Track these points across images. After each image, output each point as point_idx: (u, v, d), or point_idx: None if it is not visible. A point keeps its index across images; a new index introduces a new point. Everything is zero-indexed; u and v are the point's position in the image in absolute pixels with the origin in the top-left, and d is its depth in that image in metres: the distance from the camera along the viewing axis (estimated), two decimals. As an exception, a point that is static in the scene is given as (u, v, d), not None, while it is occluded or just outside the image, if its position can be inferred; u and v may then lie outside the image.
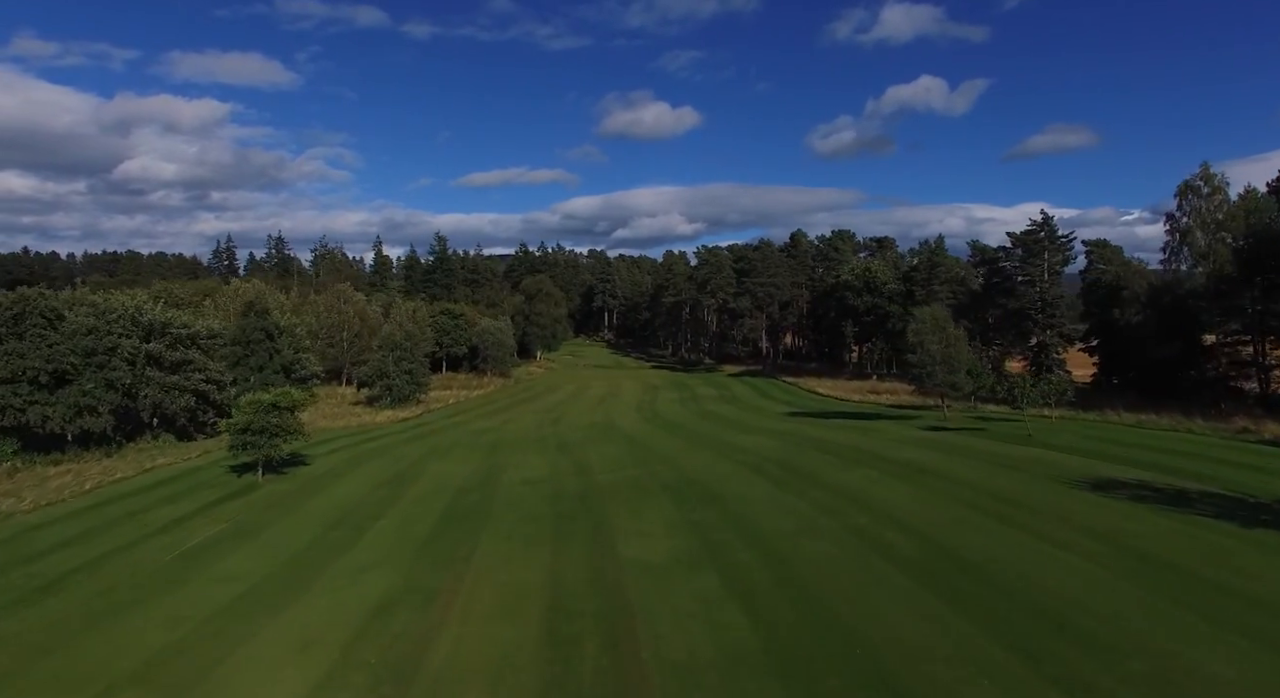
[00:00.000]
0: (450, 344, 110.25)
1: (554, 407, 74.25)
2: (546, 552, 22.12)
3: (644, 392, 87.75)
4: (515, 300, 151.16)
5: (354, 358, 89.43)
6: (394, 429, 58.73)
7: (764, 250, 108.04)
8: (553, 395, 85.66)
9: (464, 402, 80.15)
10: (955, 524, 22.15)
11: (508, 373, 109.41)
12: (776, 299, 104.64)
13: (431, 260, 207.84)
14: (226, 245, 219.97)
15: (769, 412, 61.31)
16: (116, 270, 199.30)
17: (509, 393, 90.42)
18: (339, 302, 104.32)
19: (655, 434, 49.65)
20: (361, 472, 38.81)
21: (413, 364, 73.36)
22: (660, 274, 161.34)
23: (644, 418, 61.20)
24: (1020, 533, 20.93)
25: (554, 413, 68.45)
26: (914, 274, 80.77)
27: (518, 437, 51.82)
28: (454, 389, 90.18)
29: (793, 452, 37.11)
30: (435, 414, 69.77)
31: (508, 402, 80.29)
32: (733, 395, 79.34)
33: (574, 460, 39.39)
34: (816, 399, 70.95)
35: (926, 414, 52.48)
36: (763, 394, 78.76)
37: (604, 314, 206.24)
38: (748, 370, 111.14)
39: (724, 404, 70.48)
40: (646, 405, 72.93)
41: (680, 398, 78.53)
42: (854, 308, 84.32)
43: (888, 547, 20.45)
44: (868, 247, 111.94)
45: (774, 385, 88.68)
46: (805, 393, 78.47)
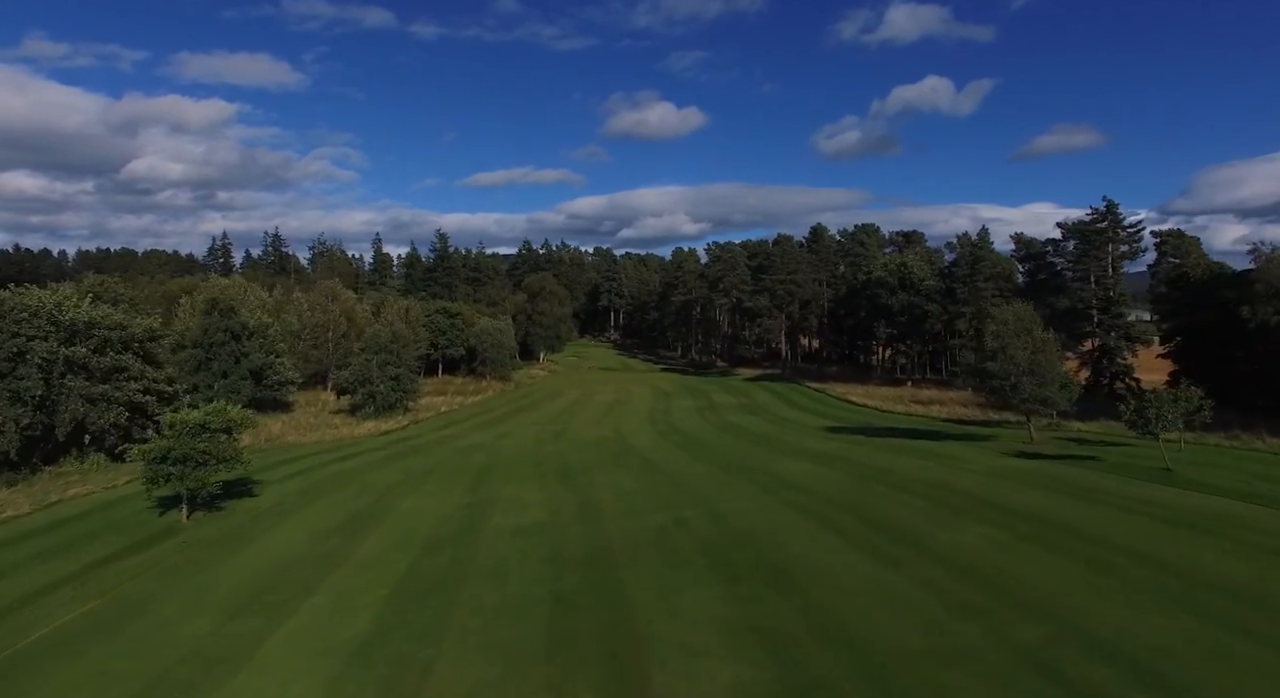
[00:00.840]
0: (446, 345, 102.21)
1: (556, 416, 66.06)
2: (537, 686, 13.92)
3: (655, 398, 79.56)
4: (517, 299, 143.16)
5: (340, 361, 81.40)
6: (372, 445, 50.60)
7: (783, 245, 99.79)
8: (555, 402, 77.51)
9: (457, 410, 72.02)
10: (1191, 648, 13.88)
11: (508, 376, 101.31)
12: (797, 298, 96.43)
13: (432, 258, 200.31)
14: (222, 242, 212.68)
15: (803, 426, 53.04)
16: (105, 267, 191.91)
17: (508, 399, 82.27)
18: (326, 300, 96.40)
19: (676, 456, 41.42)
20: (314, 510, 30.63)
21: (399, 368, 65.25)
22: (669, 272, 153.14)
23: (659, 432, 52.98)
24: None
25: (556, 424, 60.26)
26: (954, 270, 72.48)
27: (513, 456, 43.65)
28: (448, 395, 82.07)
29: (860, 490, 28.84)
30: (423, 425, 61.61)
31: (506, 410, 72.15)
32: (755, 404, 71.09)
33: (579, 496, 31.19)
34: (852, 410, 62.58)
35: (1001, 433, 44.12)
36: (788, 403, 70.49)
37: (610, 314, 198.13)
38: (764, 374, 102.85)
39: (748, 415, 62.22)
40: (660, 415, 64.72)
41: (697, 407, 70.30)
42: (887, 307, 76.08)
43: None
44: (893, 242, 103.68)
45: (798, 392, 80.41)
46: (836, 402, 70.18)
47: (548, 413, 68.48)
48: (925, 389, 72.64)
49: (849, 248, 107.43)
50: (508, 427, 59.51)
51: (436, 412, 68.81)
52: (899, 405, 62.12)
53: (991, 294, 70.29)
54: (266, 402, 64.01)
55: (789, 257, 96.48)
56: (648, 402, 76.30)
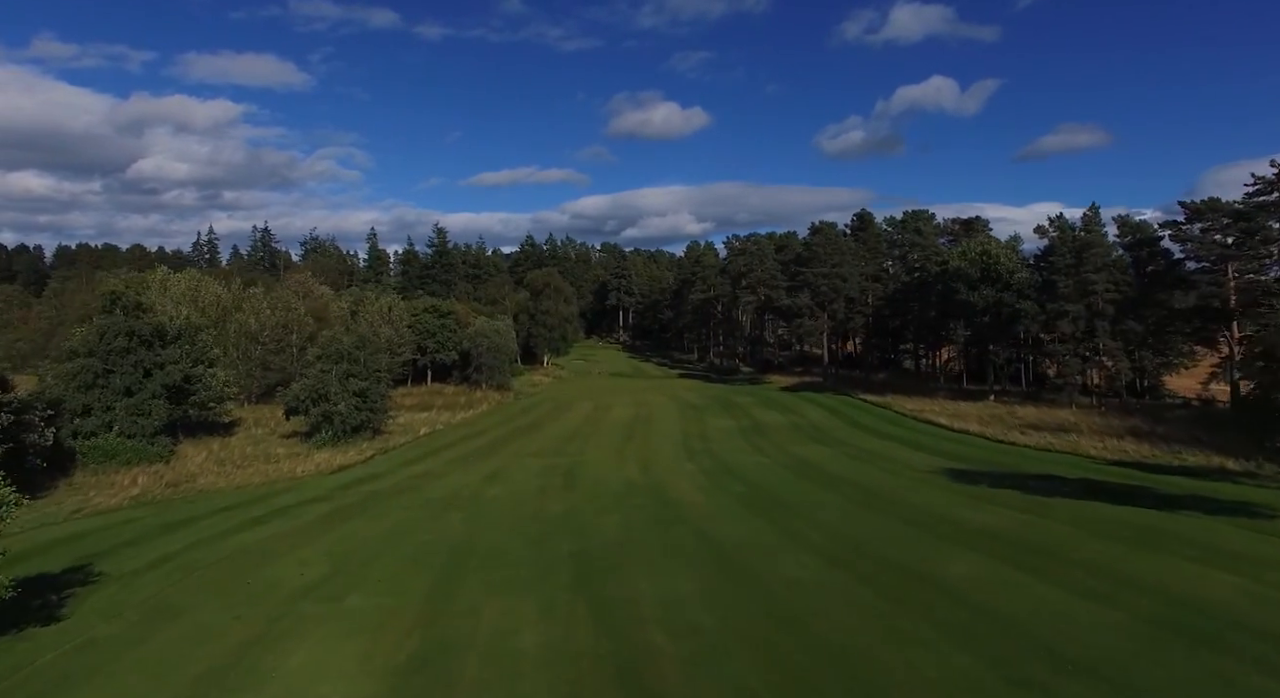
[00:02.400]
0: (436, 349, 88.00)
1: (564, 443, 51.74)
2: None
3: (683, 414, 65.20)
4: (519, 297, 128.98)
5: (305, 368, 67.35)
6: (313, 491, 36.35)
7: (826, 233, 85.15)
8: (562, 420, 63.17)
9: (442, 432, 57.69)
10: None
11: (506, 385, 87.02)
12: (843, 294, 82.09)
13: (431, 255, 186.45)
14: (208, 237, 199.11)
15: (906, 466, 38.55)
16: (84, 263, 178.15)
17: (505, 416, 67.93)
18: (295, 296, 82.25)
19: (750, 528, 27.13)
20: (125, 666, 16.41)
21: (365, 382, 50.99)
22: (685, 268, 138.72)
23: (706, 474, 38.58)
24: None
25: (564, 456, 45.95)
26: (1054, 260, 58.18)
27: (504, 522, 29.39)
28: (434, 410, 67.82)
29: (1193, 664, 14.48)
30: (392, 456, 47.33)
31: (501, 431, 57.82)
32: (811, 424, 56.67)
33: (614, 634, 16.94)
34: (949, 438, 47.73)
35: (1247, 492, 29.59)
36: (855, 425, 56.05)
37: (619, 313, 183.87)
38: (803, 383, 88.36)
39: (814, 443, 47.77)
40: (697, 441, 50.40)
41: (739, 427, 55.91)
42: (967, 304, 61.69)
43: None
44: (949, 232, 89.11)
45: (855, 407, 66.00)
46: (915, 423, 55.72)
47: (553, 437, 54.15)
48: (1019, 406, 58.22)
49: (895, 238, 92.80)
50: (501, 460, 45.19)
51: (415, 436, 54.47)
52: (1006, 430, 47.49)
53: (1105, 289, 55.94)
54: (198, 424, 49.86)
55: (834, 247, 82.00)
56: (675, 419, 61.96)
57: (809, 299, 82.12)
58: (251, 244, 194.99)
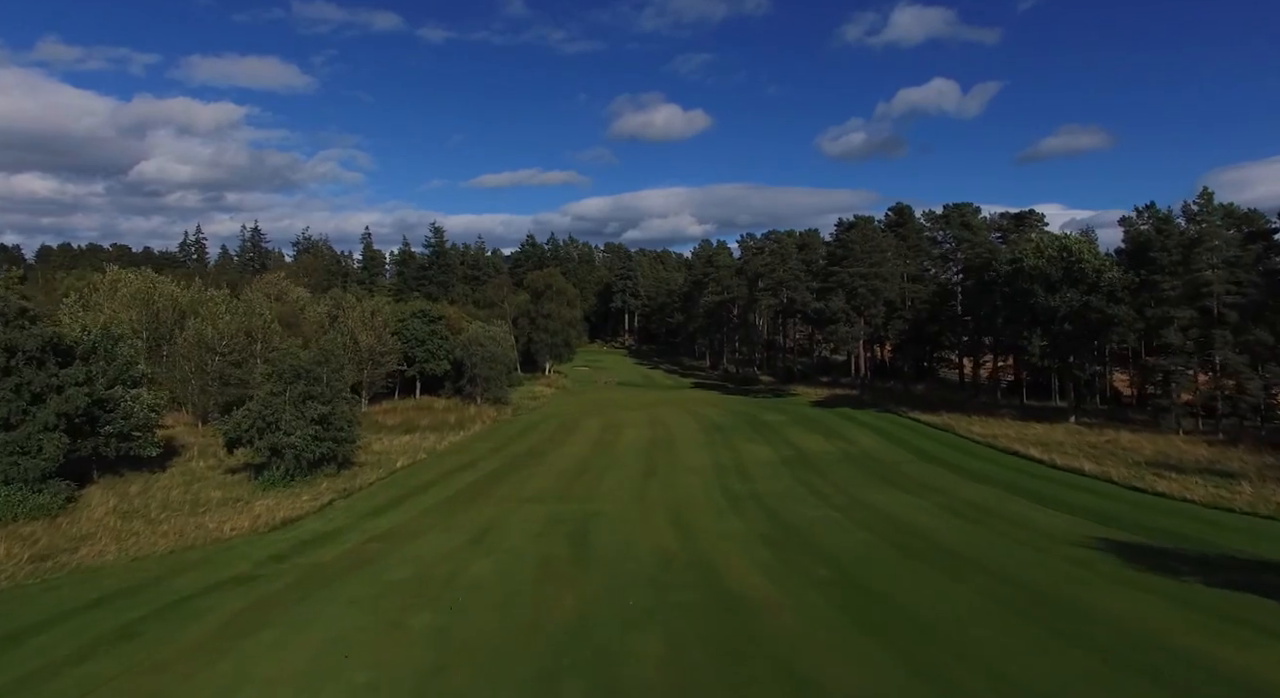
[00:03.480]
0: (425, 359, 77.99)
1: (571, 481, 41.73)
2: None
3: (709, 437, 55.22)
4: (519, 300, 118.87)
5: (255, 388, 57.50)
6: (228, 567, 26.34)
7: (863, 229, 74.93)
8: (568, 446, 53.16)
9: (424, 463, 47.61)
10: None
11: (504, 398, 77.00)
12: (882, 296, 72.16)
13: (428, 256, 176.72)
14: (195, 237, 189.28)
15: (1020, 520, 28.63)
16: (62, 262, 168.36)
17: (500, 438, 57.89)
18: (268, 300, 72.45)
19: (864, 658, 17.19)
20: None
21: (328, 406, 40.99)
22: (696, 268, 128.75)
23: (764, 539, 28.56)
24: None
25: (572, 503, 35.95)
26: (1156, 255, 48.07)
27: (483, 643, 19.39)
28: (419, 432, 57.79)
29: None
30: (356, 501, 37.28)
31: (494, 461, 47.77)
32: (867, 454, 46.63)
33: None
34: (1064, 481, 36.95)
35: None
36: (920, 454, 46.01)
37: (624, 316, 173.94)
38: (834, 396, 78.32)
39: (885, 485, 37.69)
40: (734, 477, 40.43)
41: (781, 458, 45.91)
42: (1047, 309, 51.50)
43: None
44: (996, 226, 78.93)
45: (908, 429, 55.99)
46: (988, 450, 45.70)
47: (557, 471, 44.10)
48: (1111, 431, 48.29)
49: (936, 235, 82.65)
50: (493, 507, 35.17)
51: (390, 469, 44.41)
52: (1131, 470, 37.10)
53: (1225, 290, 45.98)
54: (121, 459, 39.79)
55: (871, 244, 71.96)
56: (701, 444, 51.99)
57: (843, 302, 72.10)
58: (241, 245, 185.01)
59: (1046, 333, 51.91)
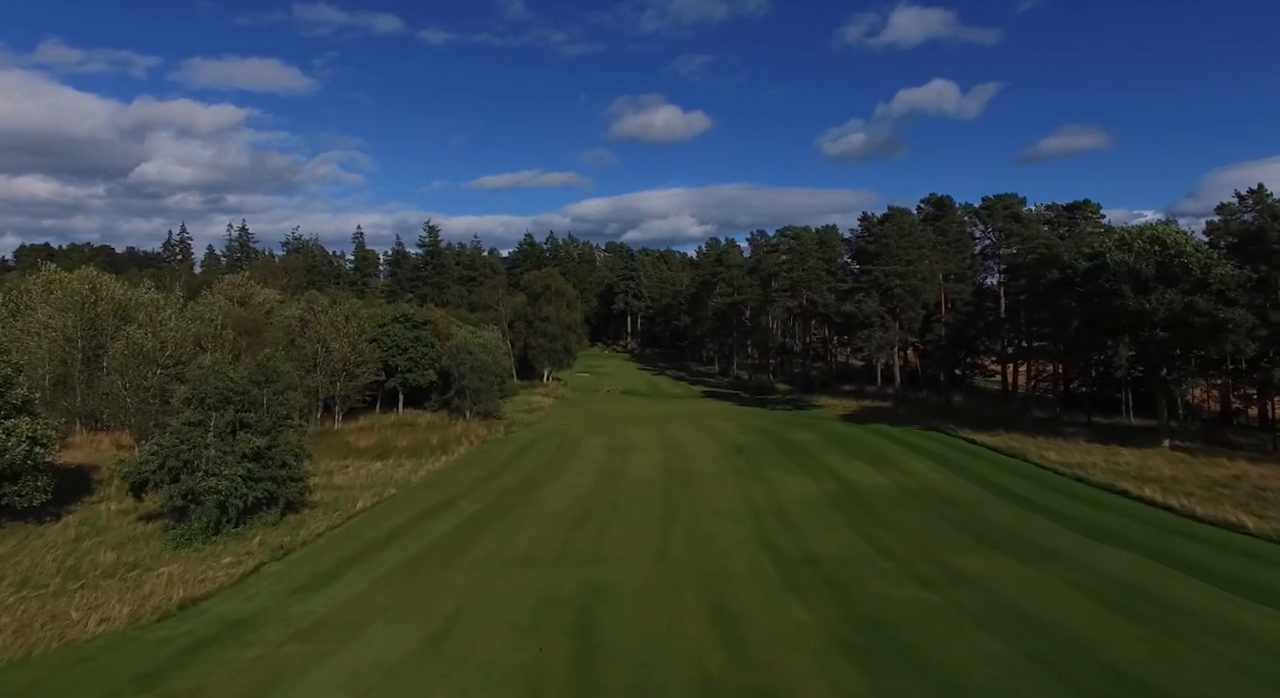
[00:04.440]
0: (408, 368, 69.30)
1: (569, 531, 32.99)
2: None
3: (732, 463, 46.52)
4: (515, 301, 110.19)
5: (173, 416, 48.79)
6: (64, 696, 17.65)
7: (899, 222, 66.04)
8: (566, 477, 44.38)
9: (391, 502, 38.76)
10: None
11: (495, 412, 68.37)
12: (922, 298, 63.55)
13: (422, 256, 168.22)
14: (180, 237, 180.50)
15: (1207, 619, 20.05)
16: (23, 259, 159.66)
17: (487, 467, 49.11)
18: (230, 302, 63.87)
19: None
20: None
21: (265, 437, 32.27)
22: (704, 267, 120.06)
23: (845, 646, 19.88)
24: None
25: (571, 567, 27.21)
26: (1275, 246, 39.35)
27: None
28: (394, 458, 49.07)
29: None
30: (289, 568, 28.39)
31: (476, 501, 38.96)
32: (932, 490, 37.86)
33: None
34: (1239, 546, 26.49)
35: None
36: (995, 489, 37.18)
37: (626, 318, 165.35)
38: (863, 409, 69.61)
39: (980, 545, 28.81)
40: (776, 527, 31.69)
41: (827, 495, 37.13)
42: (1139, 312, 42.61)
43: None
44: (1048, 221, 69.89)
45: (968, 454, 47.23)
46: (1081, 485, 36.93)
47: (551, 519, 35.29)
48: (1224, 459, 39.65)
49: (974, 232, 74.00)
50: (465, 578, 26.42)
51: (348, 512, 35.61)
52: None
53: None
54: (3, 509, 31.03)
55: (909, 239, 63.13)
56: (725, 474, 43.28)
57: (878, 304, 63.39)
58: (227, 245, 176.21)
59: (1135, 340, 43.25)
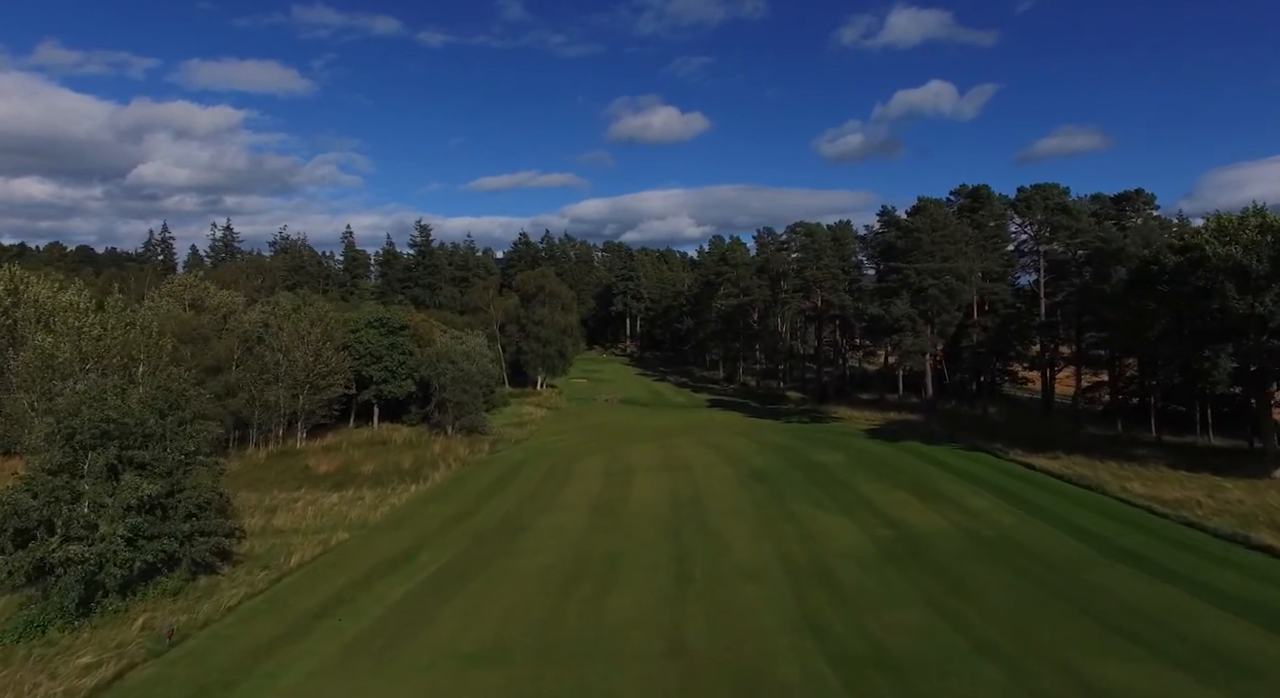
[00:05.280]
0: (383, 379, 61.61)
1: (558, 602, 25.30)
2: None
3: (751, 494, 38.86)
4: (507, 303, 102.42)
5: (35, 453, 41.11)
6: None
7: (932, 214, 58.22)
8: (555, 517, 36.66)
9: (337, 551, 30.96)
10: None
11: (480, 427, 60.65)
12: (959, 299, 56.01)
13: (413, 256, 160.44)
14: (162, 236, 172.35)
15: None
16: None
17: (463, 501, 41.36)
18: (181, 305, 56.32)
19: None
20: None
21: (164, 482, 24.61)
22: (708, 267, 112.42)
23: None
24: None
25: (559, 672, 19.51)
26: None
27: None
28: (351, 488, 41.32)
29: None
30: (174, 666, 20.45)
31: (444, 552, 31.18)
32: (1007, 537, 30.17)
33: None
34: None
35: None
36: (1096, 543, 29.46)
37: (625, 320, 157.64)
38: (890, 423, 62.02)
39: (1113, 639, 21.34)
40: (820, 590, 24.04)
41: (875, 543, 29.45)
42: (1248, 316, 35.11)
43: None
44: (1100, 212, 61.99)
45: (1033, 485, 39.56)
46: (1204, 537, 29.31)
47: (534, 584, 27.57)
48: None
49: (997, 225, 66.23)
50: (409, 689, 18.76)
51: (279, 571, 27.84)
52: None
53: None
54: None
55: (944, 233, 55.39)
56: (747, 513, 35.63)
57: (909, 306, 55.80)
58: (211, 245, 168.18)
59: (1238, 350, 35.73)
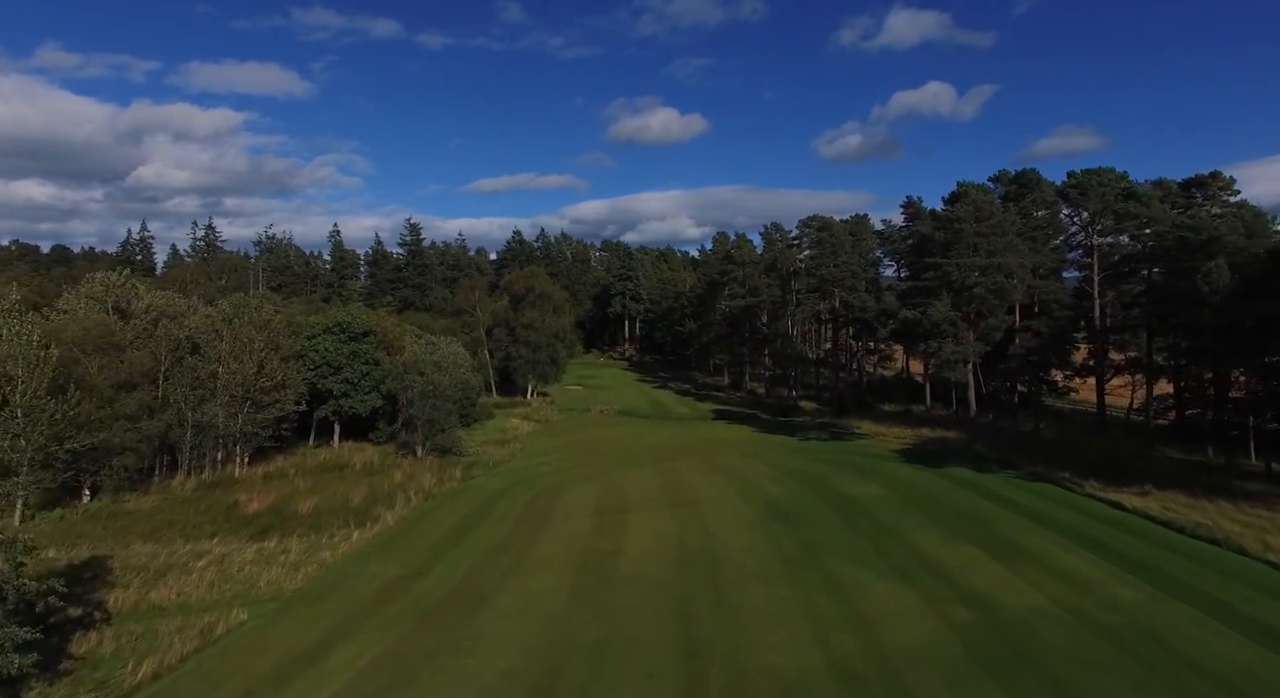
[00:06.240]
0: (343, 393, 53.30)
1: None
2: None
3: (776, 544, 30.53)
4: (497, 305, 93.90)
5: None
6: None
7: (975, 200, 49.72)
8: (527, 582, 28.24)
9: (216, 649, 22.47)
10: None
11: (454, 448, 52.35)
12: (1008, 299, 47.60)
13: (403, 256, 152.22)
14: (140, 235, 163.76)
15: None
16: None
17: (415, 556, 32.87)
18: (101, 309, 48.28)
19: None
20: None
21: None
22: (712, 266, 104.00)
23: None
24: None
25: None
26: None
27: None
28: (277, 536, 32.93)
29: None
30: None
31: (365, 646, 22.78)
32: (1163, 642, 21.92)
33: None
34: None
35: None
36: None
37: (624, 322, 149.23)
38: (925, 441, 53.59)
39: None
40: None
41: (961, 638, 21.24)
42: None
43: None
44: (1170, 198, 53.40)
45: (1142, 537, 31.03)
46: None
47: (487, 695, 19.27)
48: None
49: (1048, 215, 57.86)
50: None
51: (119, 690, 19.58)
52: None
53: None
54: None
55: (990, 224, 46.88)
56: (776, 581, 27.32)
57: (948, 307, 47.48)
58: (192, 244, 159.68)
59: None
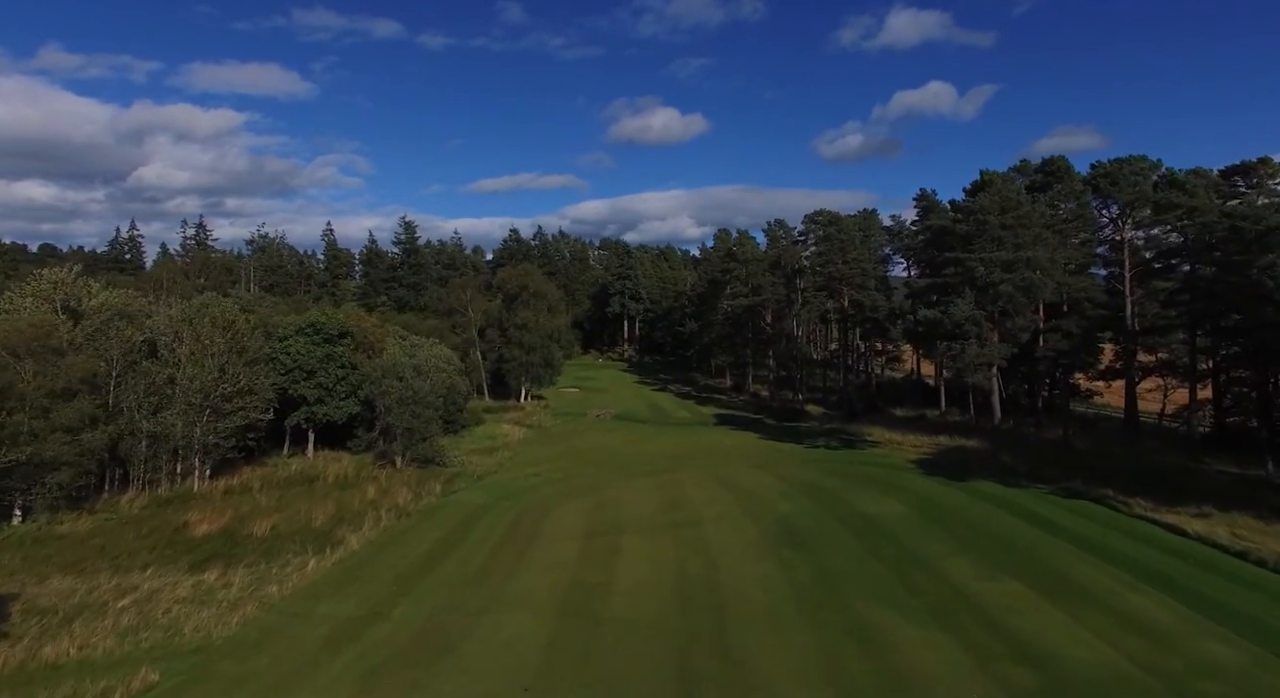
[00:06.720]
0: (317, 399, 49.16)
1: None
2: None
3: (792, 577, 26.41)
4: (490, 305, 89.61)
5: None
6: None
7: (1000, 190, 45.37)
8: (502, 625, 24.11)
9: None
10: None
11: (437, 458, 48.19)
12: (1037, 297, 43.33)
13: (398, 255, 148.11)
14: (129, 234, 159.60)
15: None
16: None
17: (375, 588, 28.67)
18: (50, 308, 44.24)
19: None
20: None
21: None
22: (713, 264, 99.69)
23: None
24: None
25: None
26: None
27: None
28: (221, 566, 28.80)
29: None
30: None
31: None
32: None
33: None
34: None
35: None
36: None
37: (622, 322, 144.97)
38: (943, 451, 49.40)
39: None
40: None
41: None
42: None
43: None
44: (1218, 186, 48.49)
45: (1232, 581, 26.89)
46: None
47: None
48: None
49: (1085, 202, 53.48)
50: None
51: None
52: None
53: None
54: None
55: (1017, 215, 42.41)
56: (793, 630, 23.23)
57: (972, 306, 43.30)
58: (181, 243, 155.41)
59: None
